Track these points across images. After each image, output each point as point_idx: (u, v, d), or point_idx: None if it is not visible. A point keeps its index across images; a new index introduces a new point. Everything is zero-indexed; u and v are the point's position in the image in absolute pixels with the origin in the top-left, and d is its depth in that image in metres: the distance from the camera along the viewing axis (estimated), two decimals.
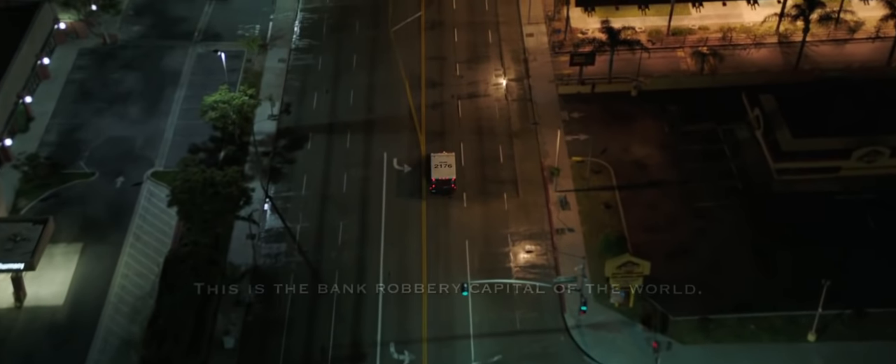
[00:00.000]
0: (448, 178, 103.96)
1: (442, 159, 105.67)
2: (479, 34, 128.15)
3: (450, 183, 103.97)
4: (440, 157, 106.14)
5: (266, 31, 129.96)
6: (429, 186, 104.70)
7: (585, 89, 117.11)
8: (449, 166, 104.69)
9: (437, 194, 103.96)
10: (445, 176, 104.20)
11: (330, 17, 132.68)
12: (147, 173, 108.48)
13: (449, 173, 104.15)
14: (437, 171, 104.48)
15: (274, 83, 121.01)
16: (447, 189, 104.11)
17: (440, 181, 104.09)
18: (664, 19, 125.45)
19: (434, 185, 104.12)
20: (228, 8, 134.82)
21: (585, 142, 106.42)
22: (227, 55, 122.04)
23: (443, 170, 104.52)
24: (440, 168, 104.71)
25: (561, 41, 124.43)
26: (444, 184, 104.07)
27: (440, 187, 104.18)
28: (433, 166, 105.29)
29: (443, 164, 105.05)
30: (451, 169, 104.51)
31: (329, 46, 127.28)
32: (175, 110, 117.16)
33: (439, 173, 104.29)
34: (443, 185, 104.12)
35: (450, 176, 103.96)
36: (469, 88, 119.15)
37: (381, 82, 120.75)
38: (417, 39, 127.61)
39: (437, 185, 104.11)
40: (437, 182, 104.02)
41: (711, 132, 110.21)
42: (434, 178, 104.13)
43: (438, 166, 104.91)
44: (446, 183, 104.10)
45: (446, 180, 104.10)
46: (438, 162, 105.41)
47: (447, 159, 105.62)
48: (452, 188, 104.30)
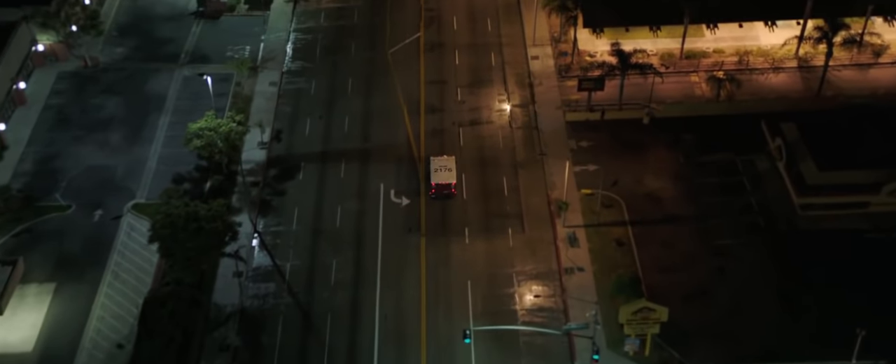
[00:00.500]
0: (448, 182, 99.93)
1: (442, 163, 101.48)
2: (481, 56, 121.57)
3: (450, 187, 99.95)
4: (440, 160, 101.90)
5: (257, 53, 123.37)
6: (428, 192, 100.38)
7: (594, 116, 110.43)
8: (449, 170, 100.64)
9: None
10: (445, 181, 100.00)
11: (324, 38, 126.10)
12: (127, 206, 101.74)
13: (449, 178, 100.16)
14: (436, 176, 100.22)
15: (264, 108, 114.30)
16: (447, 194, 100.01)
17: (440, 186, 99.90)
18: (677, 41, 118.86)
19: (434, 191, 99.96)
20: (217, 28, 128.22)
21: (595, 173, 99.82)
22: (215, 79, 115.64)
23: (442, 174, 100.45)
24: (440, 172, 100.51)
25: (568, 64, 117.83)
26: (444, 188, 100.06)
27: (440, 192, 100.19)
28: (433, 170, 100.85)
29: (442, 168, 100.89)
30: (452, 173, 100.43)
31: (323, 69, 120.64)
32: (159, 137, 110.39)
33: (439, 178, 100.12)
34: (443, 190, 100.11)
35: (450, 181, 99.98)
36: (471, 115, 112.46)
37: (377, 108, 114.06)
38: (416, 62, 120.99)
39: (437, 189, 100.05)
40: (437, 187, 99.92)
41: (729, 163, 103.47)
42: (434, 183, 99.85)
43: (438, 170, 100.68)
44: (446, 188, 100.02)
45: (446, 185, 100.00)
46: (438, 166, 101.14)
47: (447, 163, 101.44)
48: (452, 193, 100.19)
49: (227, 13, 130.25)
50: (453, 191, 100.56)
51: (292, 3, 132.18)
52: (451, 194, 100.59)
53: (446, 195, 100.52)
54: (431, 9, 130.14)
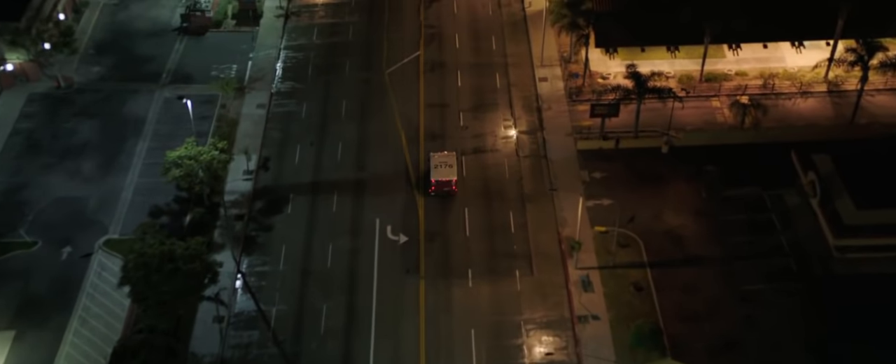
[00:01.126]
0: (448, 178, 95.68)
1: (442, 159, 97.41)
2: (485, 77, 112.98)
3: (450, 184, 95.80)
4: (440, 156, 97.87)
5: (244, 72, 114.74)
6: (428, 189, 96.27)
7: (608, 145, 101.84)
8: (450, 166, 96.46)
9: (436, 196, 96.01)
10: (446, 177, 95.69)
11: (317, 57, 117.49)
12: (99, 242, 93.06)
13: (450, 174, 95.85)
14: (436, 172, 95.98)
15: (251, 133, 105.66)
16: (448, 191, 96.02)
17: (440, 182, 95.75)
18: (696, 63, 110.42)
19: (434, 187, 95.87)
20: (202, 45, 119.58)
21: (609, 208, 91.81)
22: (199, 100, 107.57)
23: (443, 170, 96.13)
24: (440, 168, 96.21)
25: (579, 87, 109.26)
26: (445, 185, 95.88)
27: (440, 189, 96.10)
28: (433, 166, 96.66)
29: (443, 164, 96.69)
30: (453, 169, 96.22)
31: (315, 90, 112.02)
32: (136, 165, 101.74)
33: (439, 174, 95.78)
34: (443, 187, 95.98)
35: (450, 177, 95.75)
36: (474, 142, 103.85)
37: (373, 133, 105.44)
38: (415, 83, 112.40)
39: (437, 186, 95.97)
40: (437, 183, 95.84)
41: (757, 198, 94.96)
42: (434, 180, 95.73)
43: (438, 166, 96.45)
44: (447, 184, 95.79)
45: (447, 181, 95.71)
46: (438, 162, 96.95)
47: (447, 159, 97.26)
48: (453, 190, 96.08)
49: (212, 29, 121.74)
50: (454, 188, 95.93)
51: (283, 19, 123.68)
52: (452, 192, 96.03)
53: (447, 192, 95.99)
54: (432, 25, 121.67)
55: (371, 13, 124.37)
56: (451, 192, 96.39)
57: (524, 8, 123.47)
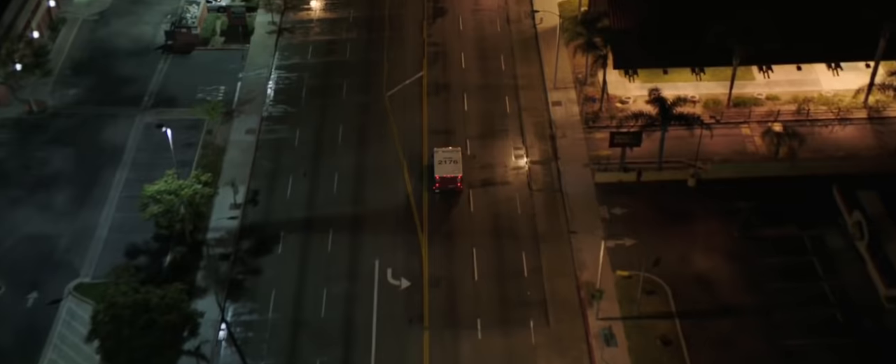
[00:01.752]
0: (453, 175, 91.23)
1: (447, 154, 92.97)
2: (494, 101, 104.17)
3: (455, 181, 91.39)
4: (444, 151, 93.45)
5: (233, 94, 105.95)
6: (432, 186, 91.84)
7: (629, 177, 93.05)
8: (455, 162, 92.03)
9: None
10: (450, 173, 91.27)
11: (311, 77, 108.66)
12: (69, 287, 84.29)
13: (454, 170, 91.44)
14: (440, 168, 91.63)
15: (239, 162, 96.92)
16: (452, 189, 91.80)
17: (444, 179, 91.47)
18: (723, 86, 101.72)
19: (438, 185, 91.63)
20: (187, 65, 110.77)
21: (632, 249, 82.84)
22: (183, 126, 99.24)
23: (447, 166, 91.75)
24: (444, 164, 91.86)
25: (596, 112, 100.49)
26: (449, 182, 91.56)
27: (444, 186, 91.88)
28: (437, 162, 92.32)
29: (447, 160, 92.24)
30: (458, 165, 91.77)
31: (309, 115, 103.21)
32: (113, 199, 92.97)
33: (443, 170, 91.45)
34: (447, 184, 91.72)
35: (455, 173, 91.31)
36: (483, 173, 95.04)
37: (372, 163, 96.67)
38: (418, 107, 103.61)
39: (441, 183, 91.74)
40: (441, 180, 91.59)
41: (795, 240, 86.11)
42: (438, 176, 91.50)
43: (443, 162, 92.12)
44: (451, 181, 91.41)
45: (451, 178, 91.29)
46: (443, 158, 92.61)
47: (452, 154, 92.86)
48: (458, 187, 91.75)
49: (199, 47, 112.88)
50: (459, 185, 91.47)
51: (275, 35, 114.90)
52: (457, 189, 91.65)
53: (451, 189, 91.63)
54: (436, 43, 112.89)
55: (370, 30, 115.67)
56: (457, 189, 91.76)
57: (535, 24, 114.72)
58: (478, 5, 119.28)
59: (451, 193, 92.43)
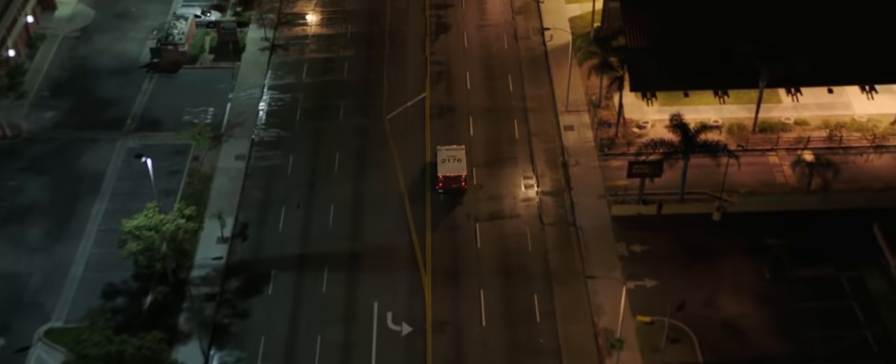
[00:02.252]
0: (458, 174, 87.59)
1: (450, 153, 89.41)
2: (501, 125, 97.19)
3: (459, 180, 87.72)
4: (448, 150, 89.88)
5: (222, 116, 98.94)
6: (434, 186, 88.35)
7: (649, 210, 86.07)
8: (459, 161, 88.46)
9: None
10: (454, 172, 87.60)
11: (306, 99, 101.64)
12: (39, 332, 77.17)
13: (459, 169, 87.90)
14: (444, 167, 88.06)
15: (227, 191, 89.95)
16: (457, 188, 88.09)
17: (448, 178, 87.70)
18: (748, 110, 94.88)
19: (441, 184, 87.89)
20: (174, 84, 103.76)
21: (654, 291, 76.08)
22: (169, 151, 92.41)
23: (451, 165, 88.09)
24: (448, 163, 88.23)
25: (612, 138, 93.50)
26: (453, 181, 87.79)
27: (448, 186, 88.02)
28: (440, 161, 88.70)
29: (451, 159, 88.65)
30: (462, 164, 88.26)
31: (303, 139, 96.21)
32: (90, 232, 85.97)
33: (447, 169, 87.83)
34: (451, 184, 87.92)
35: (459, 172, 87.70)
36: (490, 205, 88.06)
37: (371, 194, 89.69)
38: (420, 132, 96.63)
39: (445, 182, 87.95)
40: (445, 179, 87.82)
41: (832, 281, 79.07)
42: (441, 175, 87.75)
43: (446, 161, 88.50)
44: (455, 180, 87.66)
45: (455, 177, 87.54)
46: (446, 156, 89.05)
47: (456, 153, 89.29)
48: (463, 187, 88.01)
49: (186, 65, 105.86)
50: (463, 184, 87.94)
51: (268, 53, 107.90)
52: (461, 188, 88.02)
53: (455, 189, 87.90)
54: (440, 62, 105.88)
55: (369, 47, 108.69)
56: (461, 189, 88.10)
57: (545, 41, 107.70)
58: (484, 20, 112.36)
59: (455, 194, 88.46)
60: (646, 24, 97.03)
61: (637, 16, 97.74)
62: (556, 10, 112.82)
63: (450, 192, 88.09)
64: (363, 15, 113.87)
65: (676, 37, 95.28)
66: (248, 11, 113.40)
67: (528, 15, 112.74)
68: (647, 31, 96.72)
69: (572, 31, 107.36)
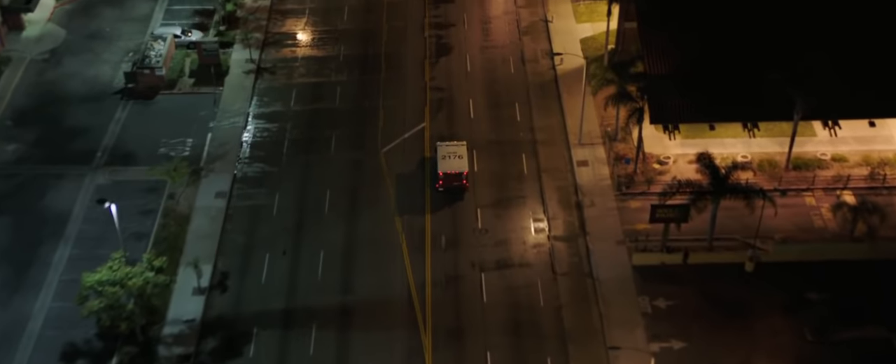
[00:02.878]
0: (459, 171, 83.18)
1: (451, 149, 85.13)
2: (508, 160, 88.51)
3: (461, 178, 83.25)
4: (449, 146, 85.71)
5: (201, 148, 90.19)
6: (435, 184, 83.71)
7: (674, 259, 77.41)
8: (460, 157, 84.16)
9: (444, 193, 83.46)
10: (455, 169, 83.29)
11: (294, 128, 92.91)
12: None
13: (460, 165, 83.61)
14: (444, 164, 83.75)
15: (206, 234, 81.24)
16: (458, 186, 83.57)
17: (448, 175, 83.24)
18: (779, 143, 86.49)
19: (441, 182, 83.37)
20: (151, 112, 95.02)
21: (682, 354, 67.59)
22: (142, 188, 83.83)
23: (452, 161, 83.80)
24: (449, 160, 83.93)
25: (630, 175, 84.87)
26: (454, 179, 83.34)
27: (448, 183, 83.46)
28: (440, 157, 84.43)
29: (452, 155, 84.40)
30: (463, 161, 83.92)
31: (291, 175, 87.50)
32: (51, 282, 77.19)
33: (447, 165, 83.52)
34: (452, 181, 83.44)
35: (461, 169, 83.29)
36: (496, 252, 79.38)
37: (365, 238, 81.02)
38: (419, 167, 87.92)
39: (445, 180, 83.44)
40: (445, 177, 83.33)
41: (883, 343, 70.38)
42: (441, 172, 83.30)
43: (446, 157, 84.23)
44: (456, 178, 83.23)
45: (456, 174, 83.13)
46: (447, 152, 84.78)
47: (457, 149, 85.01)
48: (464, 185, 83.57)
49: (164, 91, 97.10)
50: (465, 182, 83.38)
51: (254, 76, 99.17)
52: (463, 186, 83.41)
53: (456, 187, 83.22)
54: (440, 88, 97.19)
55: (363, 71, 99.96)
56: (462, 187, 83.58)
57: (555, 65, 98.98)
58: (488, 41, 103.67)
59: (456, 192, 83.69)
60: (666, 47, 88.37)
61: (656, 38, 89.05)
62: (566, 30, 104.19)
63: (451, 190, 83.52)
64: (357, 35, 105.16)
65: (700, 62, 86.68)
66: (232, 31, 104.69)
67: (535, 35, 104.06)
68: (668, 55, 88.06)
69: (585, 54, 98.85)
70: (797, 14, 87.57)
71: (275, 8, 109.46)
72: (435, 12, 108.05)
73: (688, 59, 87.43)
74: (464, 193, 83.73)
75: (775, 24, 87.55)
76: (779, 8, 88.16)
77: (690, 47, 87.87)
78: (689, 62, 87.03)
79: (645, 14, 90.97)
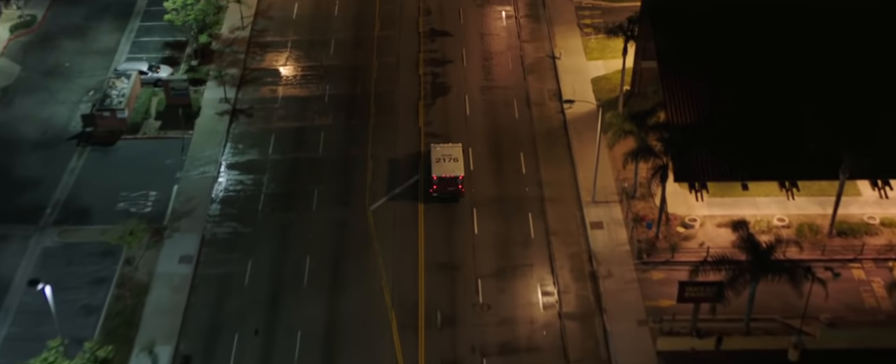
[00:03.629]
0: (454, 175, 77.44)
1: (445, 151, 79.45)
2: (513, 220, 78.15)
3: (456, 183, 77.45)
4: (443, 148, 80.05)
5: (166, 203, 79.81)
6: (428, 188, 78.12)
7: (705, 345, 67.06)
8: (455, 160, 78.45)
9: (438, 199, 77.83)
10: (450, 173, 77.65)
11: (272, 181, 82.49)
12: None
13: (455, 169, 77.91)
14: (438, 167, 78.16)
15: (166, 308, 70.83)
16: (452, 192, 77.75)
17: (443, 180, 77.67)
18: (819, 204, 76.58)
19: (436, 186, 77.73)
20: (109, 160, 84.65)
21: None
22: (96, 252, 73.45)
23: (446, 165, 78.24)
24: (443, 163, 78.40)
25: (652, 241, 74.55)
26: (449, 183, 77.69)
27: (443, 189, 77.86)
28: (434, 160, 78.80)
29: (446, 158, 78.81)
30: (459, 164, 78.20)
31: (266, 237, 77.05)
32: None
33: (442, 169, 77.98)
34: (446, 186, 77.80)
35: (456, 173, 77.49)
36: (499, 332, 68.99)
37: (349, 314, 70.61)
38: (413, 228, 77.57)
39: (440, 185, 77.82)
40: (440, 181, 77.73)
41: None
42: (435, 176, 77.72)
43: (441, 160, 78.65)
44: (451, 182, 77.52)
45: (451, 178, 77.49)
46: (441, 155, 79.20)
47: (452, 151, 79.36)
48: (459, 191, 77.63)
49: (126, 136, 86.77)
50: (460, 187, 77.58)
51: (228, 119, 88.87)
52: (458, 192, 77.68)
53: (451, 193, 77.50)
54: (436, 134, 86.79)
55: (351, 114, 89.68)
56: (458, 193, 77.73)
57: (563, 108, 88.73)
58: (489, 81, 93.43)
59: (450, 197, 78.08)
60: (690, 91, 78.33)
61: (679, 81, 78.99)
62: (576, 67, 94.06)
63: (445, 196, 77.99)
64: (344, 72, 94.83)
65: (730, 108, 76.78)
66: (206, 66, 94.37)
67: (541, 74, 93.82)
68: (693, 100, 78.03)
69: (597, 96, 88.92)
70: (841, 54, 77.74)
71: (254, 40, 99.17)
72: (431, 46, 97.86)
73: (716, 104, 77.51)
74: (459, 197, 78.52)
75: (817, 65, 77.64)
76: (821, 46, 78.35)
77: (718, 92, 77.92)
78: (717, 109, 77.06)
79: (665, 53, 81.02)
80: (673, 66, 79.92)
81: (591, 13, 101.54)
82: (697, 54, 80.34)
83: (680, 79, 79.09)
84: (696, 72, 79.37)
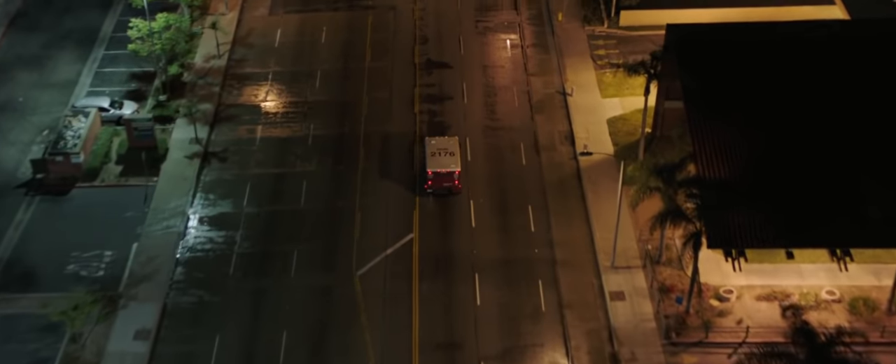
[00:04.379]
0: (450, 170, 73.55)
1: (441, 145, 75.50)
2: (520, 289, 68.06)
3: (452, 178, 73.60)
4: (439, 141, 76.14)
5: (123, 265, 69.75)
6: (423, 184, 74.15)
7: None
8: (451, 154, 74.41)
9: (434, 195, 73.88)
10: (446, 168, 73.72)
11: (246, 239, 72.36)
12: None
13: (451, 163, 74.05)
14: (433, 162, 74.23)
15: None
16: (448, 188, 73.95)
17: (439, 175, 73.72)
18: (874, 273, 66.41)
19: (431, 182, 73.84)
20: (61, 213, 74.62)
21: None
22: (38, 326, 63.82)
23: (442, 159, 74.36)
24: (438, 157, 74.53)
25: (682, 317, 64.50)
26: (445, 179, 73.85)
27: (438, 185, 74.00)
28: (428, 154, 74.86)
29: (442, 152, 74.93)
30: (455, 158, 74.17)
31: (237, 308, 66.99)
32: None
33: (437, 164, 74.05)
34: (442, 182, 73.99)
35: (452, 168, 73.65)
36: None
37: None
38: (406, 298, 67.43)
39: (435, 180, 73.95)
40: (435, 177, 73.83)
41: None
42: (430, 171, 73.77)
43: (436, 154, 74.75)
44: (448, 178, 73.63)
45: (447, 174, 73.56)
46: (436, 149, 75.31)
47: (448, 145, 75.21)
48: (456, 186, 73.64)
49: (82, 183, 76.69)
50: (456, 183, 73.50)
51: (199, 163, 78.79)
52: (455, 188, 73.78)
53: (447, 189, 73.54)
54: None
55: (337, 158, 79.67)
56: (454, 190, 73.73)
57: (577, 155, 78.67)
58: (493, 120, 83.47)
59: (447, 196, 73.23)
60: (723, 139, 68.21)
61: (710, 127, 68.83)
62: (590, 106, 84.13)
63: (441, 193, 73.74)
64: (331, 109, 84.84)
65: (769, 159, 66.74)
66: (176, 100, 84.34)
67: (551, 114, 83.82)
68: (727, 150, 67.86)
69: (614, 140, 79.06)
70: None
71: (231, 71, 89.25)
72: (427, 80, 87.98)
73: (753, 156, 67.38)
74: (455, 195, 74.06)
75: (868, 108, 67.88)
76: (873, 87, 68.59)
77: (755, 139, 67.89)
78: (754, 161, 66.96)
79: (692, 94, 70.99)
80: (702, 110, 69.87)
81: (606, 42, 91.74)
82: (729, 95, 70.55)
83: (710, 124, 69.00)
84: (729, 116, 69.41)
